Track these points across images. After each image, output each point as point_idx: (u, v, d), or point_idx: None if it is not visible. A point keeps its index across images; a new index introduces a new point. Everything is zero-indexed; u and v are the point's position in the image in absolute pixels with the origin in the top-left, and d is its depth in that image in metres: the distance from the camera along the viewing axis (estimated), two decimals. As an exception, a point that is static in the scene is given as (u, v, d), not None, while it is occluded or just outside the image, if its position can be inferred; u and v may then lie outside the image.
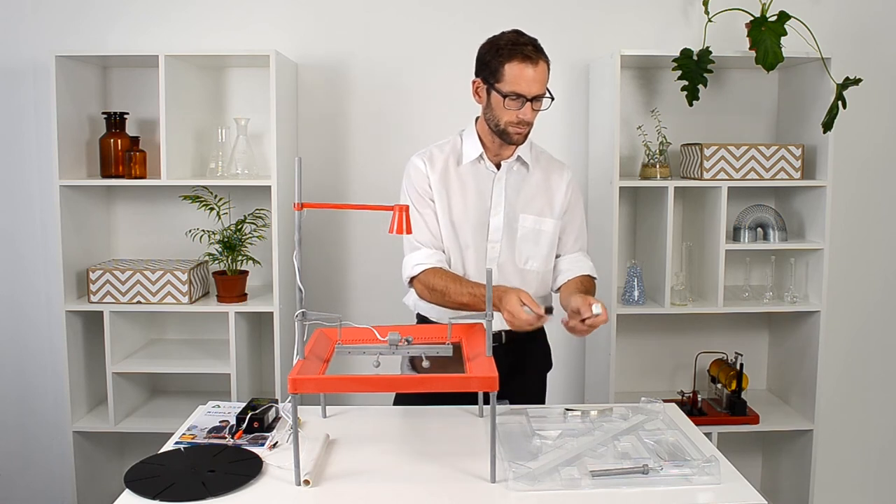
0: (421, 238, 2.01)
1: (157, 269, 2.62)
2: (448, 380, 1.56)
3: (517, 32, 1.92)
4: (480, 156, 2.02)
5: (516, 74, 1.87)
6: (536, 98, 1.90)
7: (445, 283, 1.93)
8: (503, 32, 1.93)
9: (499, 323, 2.01)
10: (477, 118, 2.04)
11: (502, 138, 1.96)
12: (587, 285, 2.04)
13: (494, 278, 1.97)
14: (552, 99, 1.92)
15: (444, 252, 2.02)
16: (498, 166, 2.03)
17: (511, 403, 1.84)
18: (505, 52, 1.88)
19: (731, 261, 2.82)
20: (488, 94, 1.93)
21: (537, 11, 2.83)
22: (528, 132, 1.97)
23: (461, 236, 2.02)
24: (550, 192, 2.06)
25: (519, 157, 2.03)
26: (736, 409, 2.70)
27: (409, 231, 1.69)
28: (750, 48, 2.59)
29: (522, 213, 2.03)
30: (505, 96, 1.89)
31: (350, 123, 2.88)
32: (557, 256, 2.11)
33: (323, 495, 1.48)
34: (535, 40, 1.91)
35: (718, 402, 2.78)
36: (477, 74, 1.97)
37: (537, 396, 2.19)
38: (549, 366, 2.24)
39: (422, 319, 2.14)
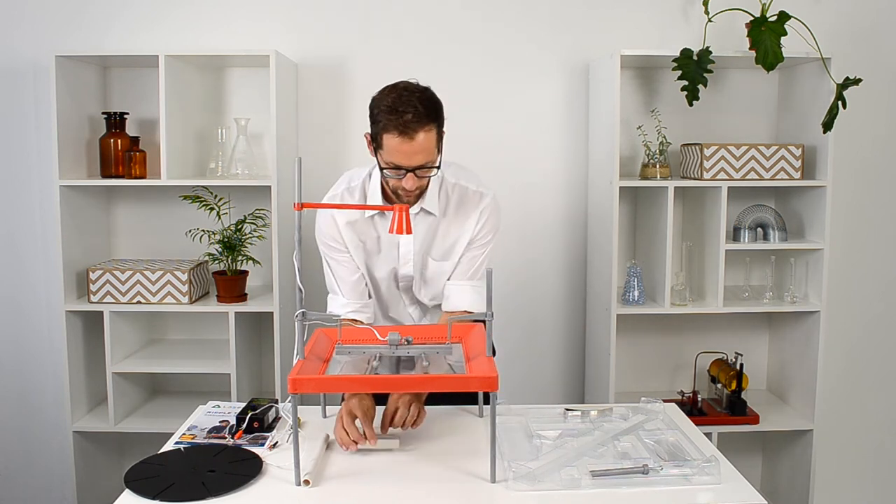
0: (334, 287, 2.00)
1: (157, 269, 2.62)
2: (448, 380, 1.56)
3: (403, 93, 1.73)
4: (381, 213, 1.92)
5: (393, 148, 1.73)
6: (420, 167, 1.76)
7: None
8: (393, 86, 1.77)
9: None
10: None
11: (396, 198, 1.86)
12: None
13: (404, 316, 2.01)
14: (438, 168, 1.79)
15: (361, 297, 2.00)
16: None
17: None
18: (382, 120, 1.73)
19: (731, 261, 2.82)
20: (376, 153, 1.82)
21: (538, 11, 2.82)
22: (422, 192, 1.87)
23: (374, 279, 2.02)
24: (457, 235, 1.97)
25: (422, 209, 1.92)
26: (736, 409, 2.70)
27: (409, 231, 1.69)
28: (750, 48, 2.59)
29: (430, 257, 1.99)
30: (384, 168, 1.78)
31: (350, 123, 2.87)
32: (448, 279, 2.00)
33: (323, 495, 1.48)
34: (421, 103, 1.72)
35: (718, 402, 2.78)
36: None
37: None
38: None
39: None
